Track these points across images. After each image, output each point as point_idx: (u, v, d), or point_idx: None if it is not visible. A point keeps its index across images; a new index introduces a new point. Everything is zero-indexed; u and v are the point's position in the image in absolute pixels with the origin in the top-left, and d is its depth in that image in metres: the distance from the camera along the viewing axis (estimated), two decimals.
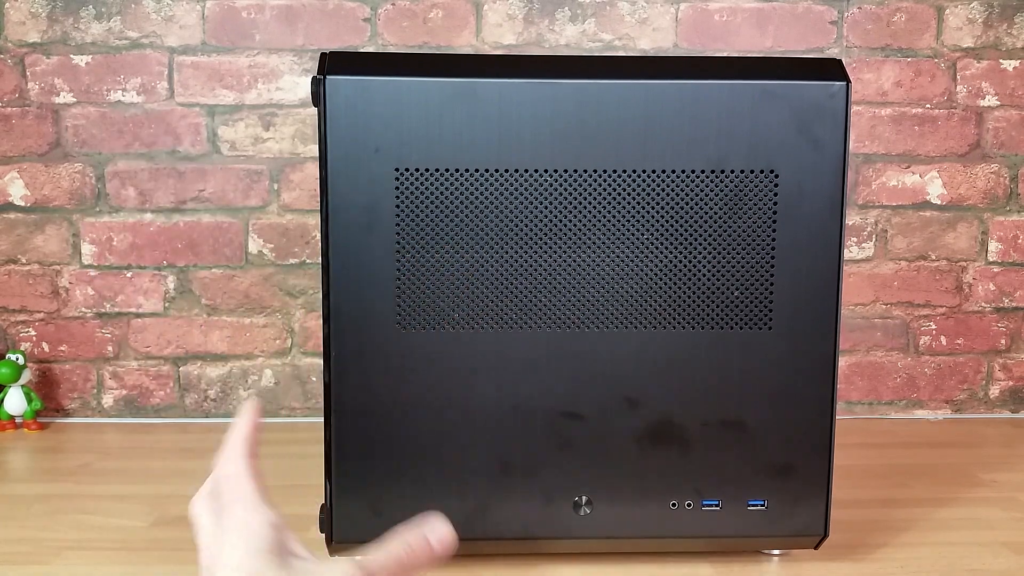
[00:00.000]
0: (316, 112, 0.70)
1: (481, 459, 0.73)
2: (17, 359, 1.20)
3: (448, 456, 0.73)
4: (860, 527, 0.86)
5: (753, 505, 0.75)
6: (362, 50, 1.22)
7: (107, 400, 1.27)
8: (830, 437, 0.75)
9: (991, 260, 1.30)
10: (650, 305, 0.73)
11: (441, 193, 0.70)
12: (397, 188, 0.70)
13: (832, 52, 1.26)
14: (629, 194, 0.71)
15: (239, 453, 0.55)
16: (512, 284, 0.72)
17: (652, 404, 0.73)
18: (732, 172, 0.71)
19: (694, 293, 0.73)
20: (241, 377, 1.27)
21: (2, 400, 1.20)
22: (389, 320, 0.71)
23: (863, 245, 1.29)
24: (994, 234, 1.30)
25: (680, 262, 0.72)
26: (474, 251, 0.71)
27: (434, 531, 0.49)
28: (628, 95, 0.70)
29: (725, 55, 1.25)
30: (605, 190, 0.71)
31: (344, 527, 0.73)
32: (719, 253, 0.72)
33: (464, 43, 1.23)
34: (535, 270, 0.71)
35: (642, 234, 0.72)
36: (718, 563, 0.78)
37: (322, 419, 0.73)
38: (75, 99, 1.22)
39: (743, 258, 0.72)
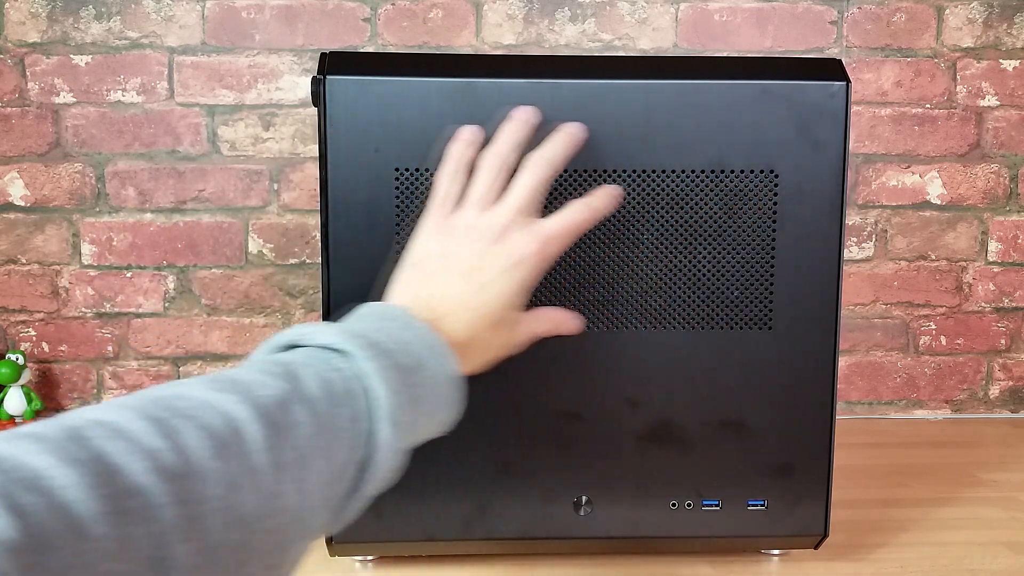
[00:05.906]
0: (316, 112, 0.70)
1: (481, 459, 0.73)
2: (17, 359, 1.20)
3: (448, 456, 0.73)
4: (860, 527, 0.86)
5: (753, 505, 0.75)
6: (362, 50, 1.22)
7: (107, 400, 1.27)
8: (830, 437, 0.75)
9: (991, 260, 1.30)
10: (650, 305, 0.72)
11: None
12: (397, 188, 0.70)
13: (832, 52, 1.26)
14: (629, 194, 0.71)
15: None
16: None
17: (652, 404, 0.73)
18: (732, 172, 0.71)
19: (694, 293, 0.73)
20: None
21: (2, 400, 1.20)
22: None
23: (863, 245, 1.29)
24: (994, 234, 1.30)
25: (680, 262, 0.72)
26: None
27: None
28: (628, 95, 0.70)
29: (725, 55, 1.25)
30: None
31: (344, 527, 0.73)
32: (719, 253, 0.72)
33: (464, 43, 1.23)
34: None
35: (642, 234, 0.72)
36: (718, 563, 0.78)
37: None
38: (75, 99, 1.22)
39: (743, 258, 0.72)
